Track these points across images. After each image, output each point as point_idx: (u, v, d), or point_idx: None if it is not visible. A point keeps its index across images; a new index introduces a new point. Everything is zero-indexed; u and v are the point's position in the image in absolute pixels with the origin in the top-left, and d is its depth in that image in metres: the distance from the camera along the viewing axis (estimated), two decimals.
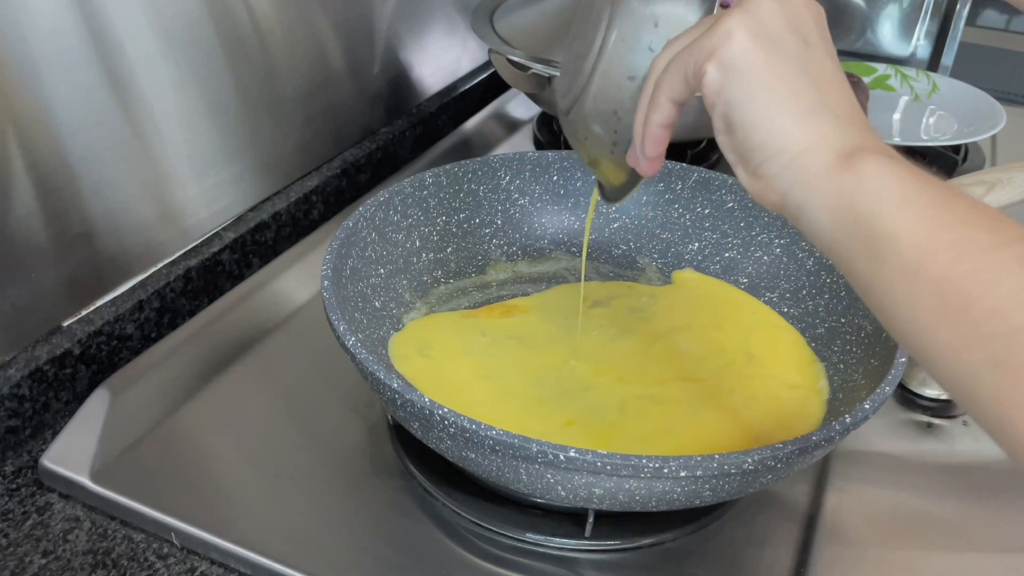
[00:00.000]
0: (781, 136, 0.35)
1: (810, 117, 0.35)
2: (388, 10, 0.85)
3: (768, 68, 0.35)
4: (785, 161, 0.35)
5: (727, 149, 0.37)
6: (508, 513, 0.49)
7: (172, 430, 0.54)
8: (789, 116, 0.35)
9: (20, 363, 0.54)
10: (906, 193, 0.32)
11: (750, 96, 0.35)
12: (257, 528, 0.48)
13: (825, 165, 0.34)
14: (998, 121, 0.89)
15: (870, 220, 0.32)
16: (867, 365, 0.52)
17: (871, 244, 0.32)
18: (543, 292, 0.64)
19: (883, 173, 0.33)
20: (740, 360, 0.58)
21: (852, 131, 0.35)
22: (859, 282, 0.34)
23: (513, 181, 0.67)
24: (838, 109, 0.36)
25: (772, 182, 0.35)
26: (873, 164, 0.33)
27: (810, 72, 0.36)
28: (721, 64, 0.36)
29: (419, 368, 0.54)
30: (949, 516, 0.52)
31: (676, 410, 0.53)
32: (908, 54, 1.18)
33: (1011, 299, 0.29)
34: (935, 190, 0.32)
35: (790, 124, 0.35)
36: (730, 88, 0.36)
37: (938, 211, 0.31)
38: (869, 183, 0.33)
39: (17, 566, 0.46)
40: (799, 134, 0.35)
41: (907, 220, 0.31)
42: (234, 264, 0.71)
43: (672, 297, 0.64)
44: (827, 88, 0.36)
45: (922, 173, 0.33)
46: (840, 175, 0.33)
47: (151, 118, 0.62)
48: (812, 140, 0.34)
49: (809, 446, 0.41)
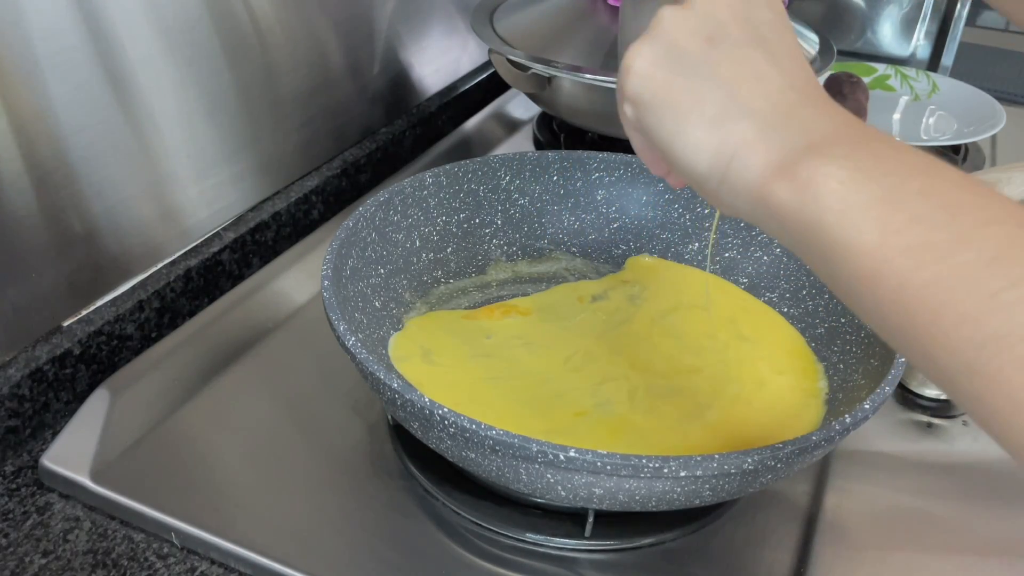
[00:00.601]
0: (698, 154, 0.34)
1: (720, 122, 0.33)
2: (388, 10, 0.85)
3: (667, 86, 0.34)
4: (719, 177, 0.33)
5: (674, 175, 0.37)
6: (508, 513, 0.50)
7: (172, 430, 0.54)
8: (697, 128, 0.34)
9: (20, 363, 0.54)
10: (847, 196, 0.29)
11: (659, 121, 0.35)
12: (257, 528, 0.48)
13: (757, 175, 0.32)
14: (998, 121, 0.89)
15: (818, 230, 0.30)
16: (867, 365, 0.52)
17: (824, 254, 0.30)
18: (543, 292, 0.64)
19: (819, 176, 0.30)
20: (734, 343, 0.59)
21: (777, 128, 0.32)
22: (828, 285, 0.32)
23: (513, 181, 0.67)
24: (755, 103, 0.33)
25: (717, 198, 0.34)
26: (808, 169, 0.30)
27: (718, 73, 0.34)
28: (630, 100, 0.36)
29: (425, 374, 0.54)
30: (949, 516, 0.52)
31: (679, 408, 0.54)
32: (908, 54, 1.18)
33: (982, 305, 0.26)
34: (884, 183, 0.29)
35: (704, 138, 0.33)
36: (644, 120, 0.36)
37: (886, 212, 0.29)
38: (807, 190, 0.30)
39: (17, 566, 0.46)
40: (714, 143, 0.33)
41: (855, 228, 0.29)
42: (234, 264, 0.71)
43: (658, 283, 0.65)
44: (739, 82, 0.34)
45: (871, 157, 0.30)
46: (776, 184, 0.31)
47: (151, 118, 0.62)
48: (732, 149, 0.33)
49: (809, 446, 0.41)
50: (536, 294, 0.64)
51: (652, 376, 0.56)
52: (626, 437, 0.51)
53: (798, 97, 0.34)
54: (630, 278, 0.66)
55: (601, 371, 0.56)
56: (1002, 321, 0.26)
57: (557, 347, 0.58)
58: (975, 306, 0.27)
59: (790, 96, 0.33)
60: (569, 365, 0.57)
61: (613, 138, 0.86)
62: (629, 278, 0.66)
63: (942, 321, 0.27)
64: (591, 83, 0.77)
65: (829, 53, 0.85)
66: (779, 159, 0.32)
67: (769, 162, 0.32)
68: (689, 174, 0.35)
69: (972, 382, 0.27)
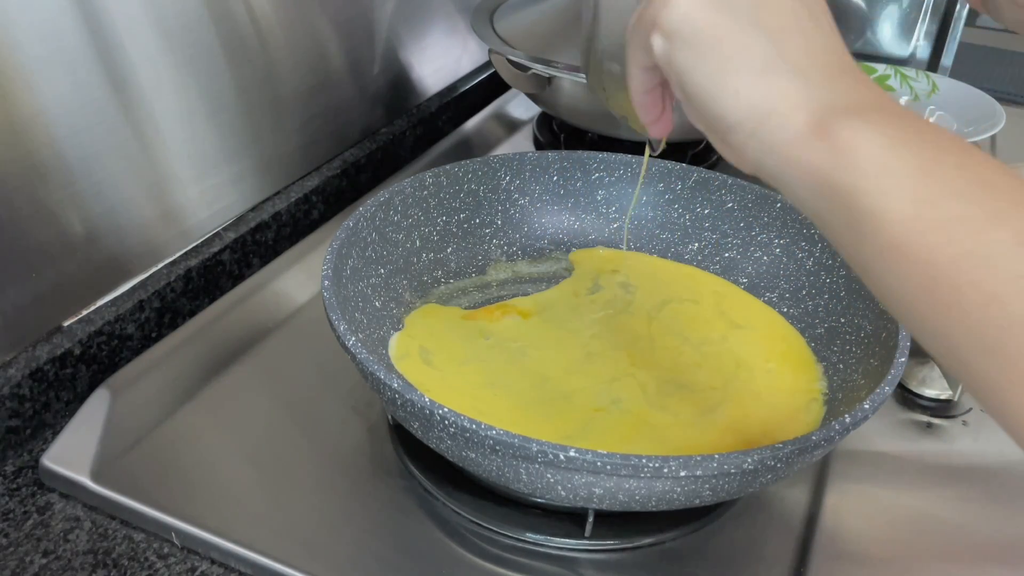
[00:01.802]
0: (736, 101, 0.32)
1: (765, 75, 0.32)
2: (388, 10, 0.85)
3: (712, 28, 0.33)
4: (750, 129, 0.32)
5: (693, 119, 0.35)
6: (508, 513, 0.50)
7: (172, 430, 0.55)
8: (741, 77, 0.32)
9: (21, 363, 0.54)
10: (887, 163, 0.29)
11: (697, 61, 0.33)
12: (257, 528, 0.48)
13: (794, 133, 0.31)
14: (998, 121, 0.89)
15: (849, 195, 0.29)
16: (867, 365, 0.52)
17: (853, 221, 0.30)
18: (543, 292, 0.64)
19: (860, 140, 0.30)
20: (731, 335, 0.60)
21: (821, 86, 0.32)
22: (848, 256, 0.31)
23: (513, 181, 0.67)
24: (802, 61, 0.32)
25: (742, 152, 0.33)
26: (848, 131, 0.30)
27: (765, 23, 0.33)
28: (664, 33, 0.34)
29: (426, 376, 0.54)
30: (949, 516, 0.52)
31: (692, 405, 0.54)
32: (908, 54, 1.18)
33: (1008, 285, 0.26)
34: (922, 154, 0.29)
35: (744, 87, 0.32)
36: (676, 57, 0.34)
37: (924, 182, 0.28)
38: (845, 154, 0.30)
39: (17, 566, 0.46)
40: (755, 97, 0.32)
41: (889, 195, 0.29)
42: (234, 264, 0.71)
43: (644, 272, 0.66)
44: (786, 38, 0.32)
45: (909, 128, 0.30)
46: (812, 144, 0.31)
47: (151, 118, 0.62)
48: (772, 103, 0.32)
49: (809, 446, 0.41)
50: (536, 294, 0.64)
51: (658, 373, 0.56)
52: (645, 435, 0.51)
53: (838, 62, 0.33)
54: (608, 268, 0.67)
55: (606, 370, 0.56)
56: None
57: (559, 347, 0.58)
58: (1003, 286, 0.26)
59: (832, 58, 0.33)
60: (573, 365, 0.57)
61: (613, 138, 0.86)
62: (607, 268, 0.67)
63: (967, 299, 0.27)
64: None
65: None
66: (818, 120, 0.31)
67: (808, 122, 0.31)
68: (717, 121, 0.34)
69: (989, 364, 0.27)
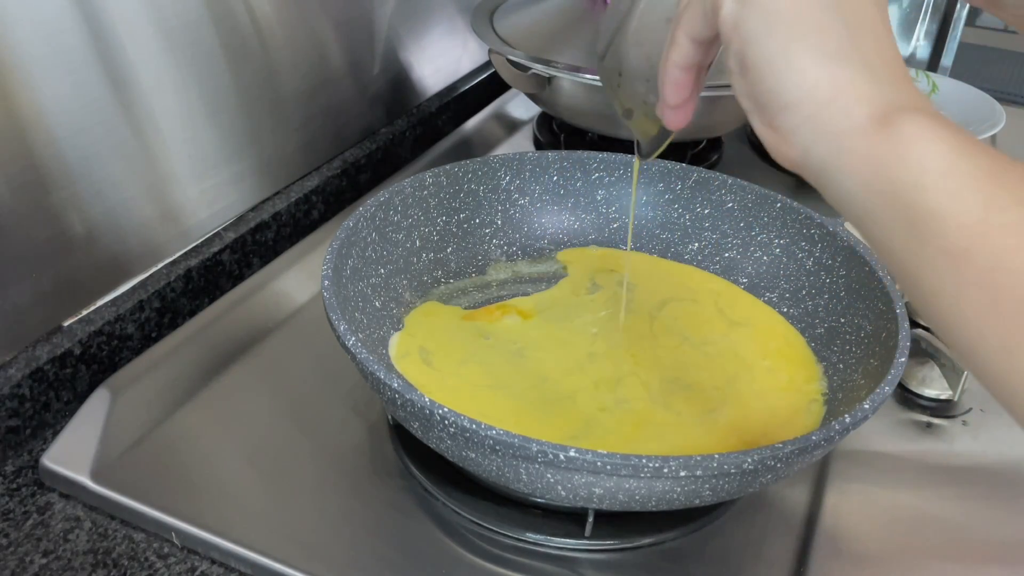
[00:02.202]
0: (800, 79, 0.31)
1: (836, 61, 0.31)
2: (388, 10, 0.85)
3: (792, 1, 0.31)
4: (808, 112, 0.31)
5: (741, 94, 0.34)
6: (508, 513, 0.50)
7: (172, 430, 0.55)
8: (811, 58, 0.31)
9: (20, 363, 0.54)
10: (955, 164, 0.28)
11: (768, 31, 0.31)
12: (257, 528, 0.48)
13: (856, 123, 0.30)
14: (998, 121, 0.89)
15: (910, 193, 0.28)
16: (867, 365, 0.52)
17: (911, 221, 0.28)
18: (543, 292, 0.64)
19: (927, 138, 0.28)
20: (732, 333, 0.60)
21: (888, 84, 0.31)
22: (894, 260, 0.30)
23: (513, 181, 0.67)
24: (873, 56, 0.31)
25: (791, 135, 0.32)
26: (915, 126, 0.29)
27: (843, 11, 0.31)
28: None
29: (427, 376, 0.54)
30: (949, 516, 0.52)
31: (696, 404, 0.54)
32: (908, 54, 1.18)
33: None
34: (988, 161, 0.28)
35: (811, 67, 0.31)
36: (747, 21, 0.32)
37: (992, 187, 0.27)
38: (910, 150, 0.28)
39: (18, 566, 0.46)
40: (822, 80, 0.31)
41: (955, 197, 0.27)
42: (234, 264, 0.71)
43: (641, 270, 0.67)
44: (862, 32, 0.31)
45: (971, 139, 0.29)
46: (874, 137, 0.29)
47: (151, 118, 0.62)
48: (838, 90, 0.30)
49: (809, 446, 0.41)
50: (536, 294, 0.64)
51: (661, 373, 0.56)
52: (649, 435, 0.51)
53: (902, 68, 0.32)
54: (603, 267, 0.67)
55: (609, 370, 0.56)
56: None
57: (560, 348, 0.58)
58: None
59: (898, 63, 0.32)
60: (575, 366, 0.57)
61: (613, 138, 0.86)
62: (603, 267, 0.67)
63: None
64: (591, 83, 0.77)
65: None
66: (884, 110, 0.30)
67: (872, 114, 0.30)
68: (773, 96, 0.32)
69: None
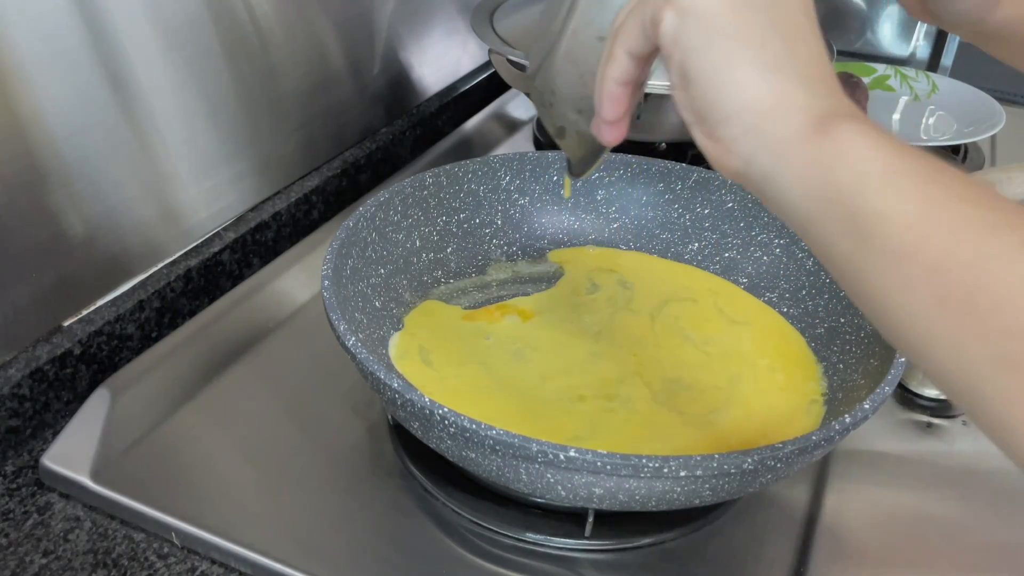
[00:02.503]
0: (740, 91, 0.31)
1: (775, 73, 0.31)
2: (388, 10, 0.85)
3: (730, 14, 0.32)
4: (748, 123, 0.31)
5: (683, 107, 0.34)
6: (508, 513, 0.50)
7: (172, 430, 0.55)
8: (750, 69, 0.31)
9: (20, 363, 0.54)
10: (892, 165, 0.28)
11: (708, 43, 0.32)
12: (257, 528, 0.48)
13: (796, 131, 0.30)
14: (998, 121, 0.89)
15: (851, 197, 0.29)
16: (867, 365, 0.52)
17: (854, 224, 0.29)
18: (543, 292, 0.64)
19: (863, 142, 0.29)
20: (733, 332, 0.60)
21: (823, 95, 0.31)
22: (840, 266, 0.30)
23: (513, 181, 0.67)
24: (809, 69, 0.32)
25: (733, 146, 0.32)
26: (853, 133, 0.29)
27: (779, 23, 0.32)
28: (679, 9, 0.33)
29: (427, 377, 0.54)
30: (949, 516, 0.52)
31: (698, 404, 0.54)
32: (908, 54, 1.18)
33: (1020, 288, 0.25)
34: (923, 163, 0.29)
35: (752, 78, 0.31)
36: (687, 35, 0.33)
37: (930, 186, 0.28)
38: (850, 154, 0.29)
39: (18, 566, 0.46)
40: (761, 91, 0.31)
41: (896, 198, 0.28)
42: (234, 264, 0.71)
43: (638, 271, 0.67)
44: (797, 45, 0.32)
45: (904, 144, 0.29)
46: (815, 144, 0.30)
47: (151, 118, 0.62)
48: (776, 100, 0.31)
49: (809, 446, 0.41)
50: (536, 294, 0.64)
51: (663, 373, 0.56)
52: (653, 435, 0.51)
53: (834, 78, 0.33)
54: (599, 266, 0.67)
55: (612, 370, 0.56)
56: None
57: (562, 348, 0.58)
58: (1014, 289, 0.26)
59: (831, 71, 0.33)
60: (577, 366, 0.57)
61: None
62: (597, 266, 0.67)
63: (977, 303, 0.26)
64: None
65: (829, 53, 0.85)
66: (821, 119, 0.30)
67: (810, 120, 0.30)
68: (713, 109, 0.33)
69: (1003, 373, 0.26)
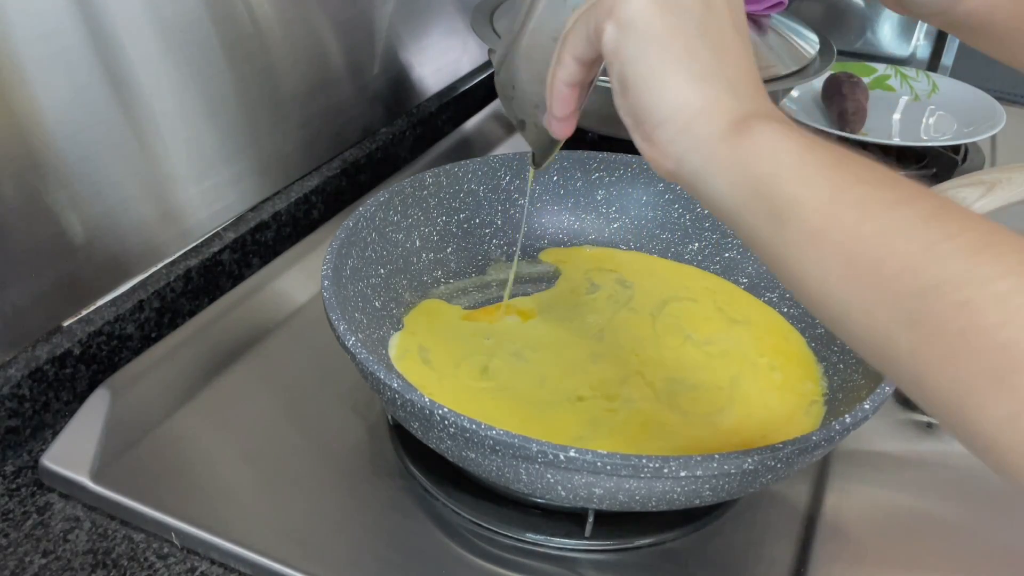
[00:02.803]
0: (673, 97, 0.35)
1: (704, 80, 0.35)
2: (388, 10, 0.85)
3: (665, 27, 0.35)
4: (680, 125, 0.35)
5: (623, 112, 0.37)
6: (508, 513, 0.50)
7: (172, 430, 0.55)
8: (682, 77, 0.35)
9: (20, 363, 0.54)
10: (802, 156, 0.32)
11: (645, 54, 0.35)
12: (257, 528, 0.48)
13: (719, 131, 0.34)
14: (998, 121, 0.89)
15: (770, 186, 0.32)
16: (867, 365, 0.52)
17: (773, 210, 0.32)
18: (543, 292, 0.64)
19: (777, 138, 0.33)
20: (734, 336, 0.60)
21: (747, 98, 0.35)
22: (765, 250, 0.34)
23: (513, 181, 0.67)
24: (734, 76, 0.35)
25: (666, 148, 0.35)
26: (767, 129, 0.33)
27: (708, 36, 0.36)
28: (619, 22, 0.36)
29: (428, 377, 0.54)
30: (949, 516, 0.52)
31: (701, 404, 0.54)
32: (908, 54, 1.18)
33: (921, 255, 0.28)
34: (830, 152, 0.32)
35: (683, 85, 0.35)
36: (625, 46, 0.36)
37: (836, 172, 0.32)
38: (765, 148, 0.33)
39: (17, 566, 0.46)
40: (691, 96, 0.35)
41: (807, 183, 0.32)
42: (234, 264, 0.71)
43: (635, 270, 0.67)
44: (725, 54, 0.36)
45: (816, 138, 0.33)
46: (735, 141, 0.33)
47: (151, 118, 0.62)
48: (705, 104, 0.34)
49: (809, 446, 0.41)
50: (536, 294, 0.64)
51: (665, 373, 0.56)
52: (656, 435, 0.51)
53: (757, 83, 0.37)
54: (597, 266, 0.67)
55: (614, 371, 0.56)
56: (938, 269, 0.28)
57: (563, 348, 0.58)
58: (914, 256, 0.29)
59: (754, 79, 0.37)
60: (578, 366, 0.57)
61: (613, 138, 0.86)
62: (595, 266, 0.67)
63: (884, 270, 0.29)
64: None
65: (829, 53, 0.85)
66: (742, 119, 0.34)
67: (732, 121, 0.34)
68: (648, 113, 0.36)
69: (911, 332, 0.29)
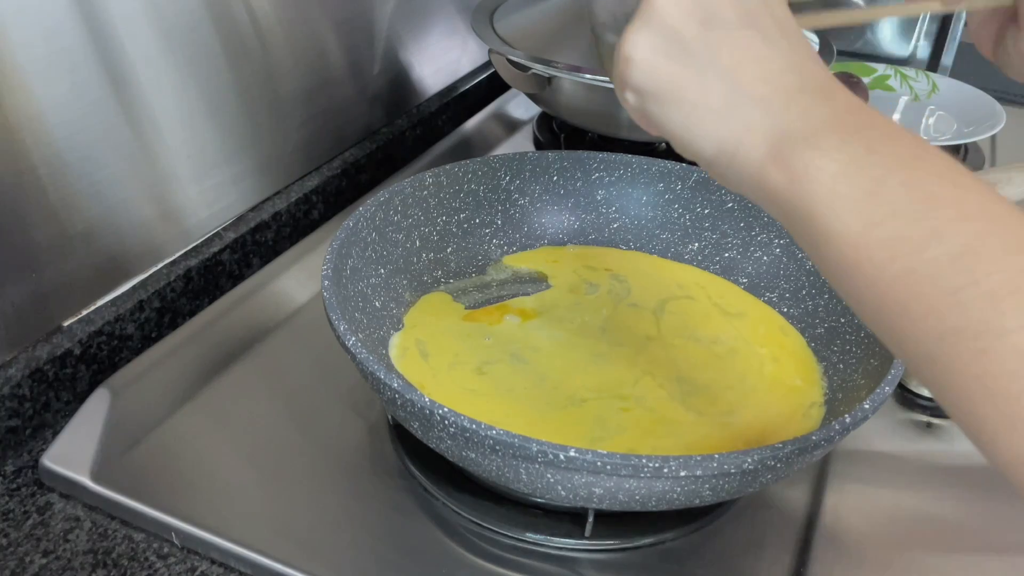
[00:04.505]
0: (708, 142, 0.35)
1: (727, 112, 0.34)
2: (388, 10, 0.85)
3: (672, 79, 0.35)
4: (725, 163, 0.35)
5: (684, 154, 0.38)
6: (508, 513, 0.50)
7: (172, 430, 0.55)
8: (708, 120, 0.35)
9: (20, 363, 0.54)
10: (836, 188, 0.31)
11: (667, 115, 0.36)
12: (257, 528, 0.48)
13: (757, 164, 0.34)
14: (998, 121, 0.89)
15: (807, 219, 0.32)
16: (867, 365, 0.52)
17: (813, 242, 0.33)
18: (543, 292, 0.64)
19: (812, 169, 0.32)
20: (736, 335, 0.60)
21: (779, 112, 0.33)
22: (819, 267, 0.34)
23: (513, 181, 0.67)
24: (759, 88, 0.34)
25: (724, 182, 0.36)
26: (801, 160, 0.32)
27: (718, 60, 0.34)
28: (633, 90, 0.36)
29: (428, 378, 0.54)
30: (949, 516, 0.52)
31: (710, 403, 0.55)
32: (908, 54, 1.18)
33: (944, 300, 0.29)
34: (871, 175, 0.31)
35: (710, 127, 0.35)
36: (649, 110, 0.36)
37: (870, 204, 0.31)
38: (800, 182, 0.32)
39: (17, 566, 0.46)
40: (723, 134, 0.34)
41: (839, 219, 0.31)
42: (234, 264, 0.71)
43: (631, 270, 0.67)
44: (743, 70, 0.34)
45: (860, 145, 0.32)
46: (771, 174, 0.33)
47: (151, 118, 0.62)
48: (738, 136, 0.34)
49: (809, 446, 0.41)
50: (536, 294, 0.64)
51: (671, 373, 0.56)
52: (664, 434, 0.51)
53: (797, 79, 0.34)
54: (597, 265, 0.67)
55: (620, 372, 0.56)
56: (959, 316, 0.28)
57: (564, 348, 0.58)
58: (938, 301, 0.29)
59: (789, 78, 0.34)
60: (580, 366, 0.57)
61: (613, 138, 0.86)
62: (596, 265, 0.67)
63: (910, 312, 0.30)
64: (591, 83, 0.77)
65: (829, 53, 0.85)
66: (777, 148, 0.33)
67: (769, 151, 0.33)
68: (698, 159, 0.36)
69: (933, 370, 0.30)
